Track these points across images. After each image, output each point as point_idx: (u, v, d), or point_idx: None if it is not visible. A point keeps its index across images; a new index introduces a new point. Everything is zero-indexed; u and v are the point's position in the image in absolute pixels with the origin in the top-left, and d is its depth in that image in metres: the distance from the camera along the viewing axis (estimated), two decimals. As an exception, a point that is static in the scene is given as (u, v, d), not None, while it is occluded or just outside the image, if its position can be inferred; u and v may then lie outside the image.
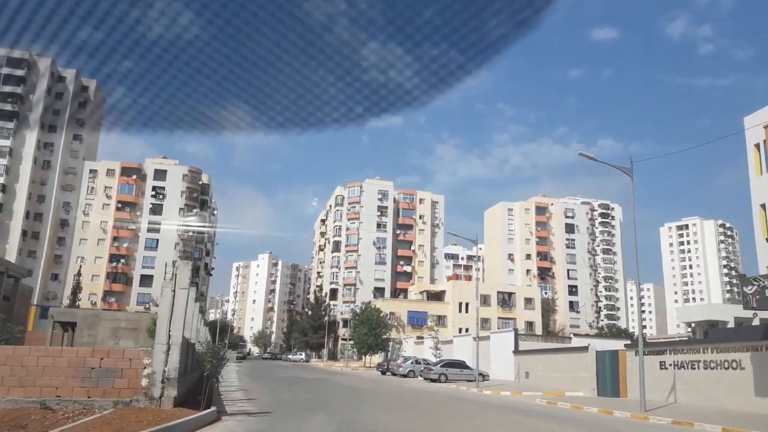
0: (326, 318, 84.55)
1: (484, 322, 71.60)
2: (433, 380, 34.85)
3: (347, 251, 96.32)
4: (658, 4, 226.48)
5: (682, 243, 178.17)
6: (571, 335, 46.02)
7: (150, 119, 7.69)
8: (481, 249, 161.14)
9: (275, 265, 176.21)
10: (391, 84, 7.02)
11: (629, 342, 31.50)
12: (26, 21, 6.16)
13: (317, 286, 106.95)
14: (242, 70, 6.75)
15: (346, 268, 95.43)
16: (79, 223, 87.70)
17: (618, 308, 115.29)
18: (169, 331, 12.05)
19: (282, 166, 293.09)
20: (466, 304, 71.77)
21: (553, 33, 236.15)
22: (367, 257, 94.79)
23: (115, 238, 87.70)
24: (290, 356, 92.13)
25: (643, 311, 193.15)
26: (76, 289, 74.53)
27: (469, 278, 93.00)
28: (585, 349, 27.38)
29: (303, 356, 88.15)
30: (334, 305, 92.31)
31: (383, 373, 46.17)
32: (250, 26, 6.01)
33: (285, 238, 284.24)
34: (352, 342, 62.86)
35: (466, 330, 63.31)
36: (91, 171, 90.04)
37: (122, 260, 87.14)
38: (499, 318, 70.54)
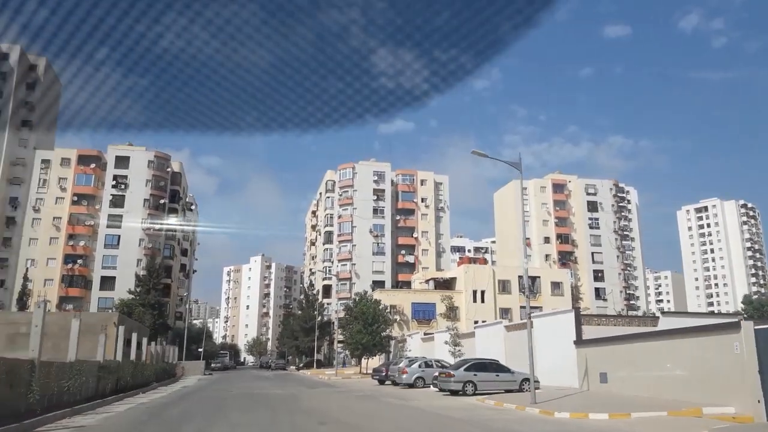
0: (318, 318, 72.16)
1: (504, 313, 59.60)
2: (454, 392, 22.69)
3: (340, 241, 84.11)
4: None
5: (701, 227, 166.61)
6: (658, 313, 33.80)
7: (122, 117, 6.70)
8: (489, 242, 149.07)
9: (268, 267, 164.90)
10: (392, 84, 7.03)
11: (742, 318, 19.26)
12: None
13: (309, 284, 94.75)
14: (251, 75, 7.01)
15: (340, 261, 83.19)
16: (28, 220, 75.79)
17: (638, 297, 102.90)
18: None
19: (293, 176, 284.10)
20: (482, 293, 59.77)
21: (565, 32, 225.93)
22: (363, 247, 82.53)
23: (70, 236, 75.76)
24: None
25: (660, 300, 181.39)
26: (23, 295, 63.77)
27: (484, 261, 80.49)
28: (731, 327, 15.24)
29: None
30: (327, 304, 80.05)
31: (381, 382, 33.74)
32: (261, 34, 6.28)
33: (285, 245, 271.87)
34: (343, 344, 50.76)
35: (483, 322, 51.09)
36: (43, 161, 78.31)
37: (79, 261, 75.16)
38: (521, 307, 58.47)
